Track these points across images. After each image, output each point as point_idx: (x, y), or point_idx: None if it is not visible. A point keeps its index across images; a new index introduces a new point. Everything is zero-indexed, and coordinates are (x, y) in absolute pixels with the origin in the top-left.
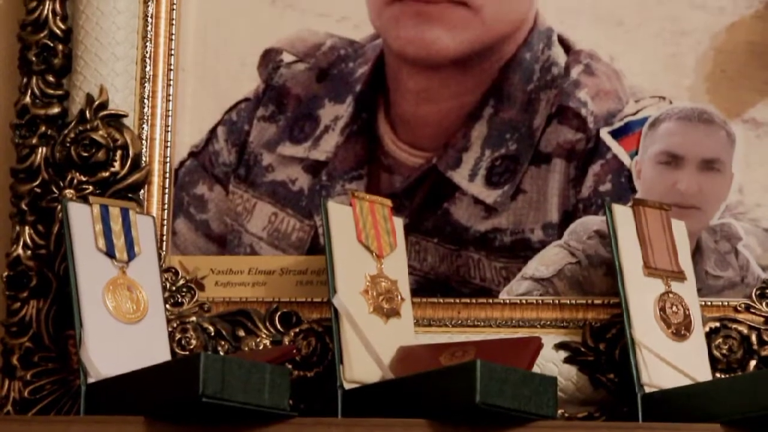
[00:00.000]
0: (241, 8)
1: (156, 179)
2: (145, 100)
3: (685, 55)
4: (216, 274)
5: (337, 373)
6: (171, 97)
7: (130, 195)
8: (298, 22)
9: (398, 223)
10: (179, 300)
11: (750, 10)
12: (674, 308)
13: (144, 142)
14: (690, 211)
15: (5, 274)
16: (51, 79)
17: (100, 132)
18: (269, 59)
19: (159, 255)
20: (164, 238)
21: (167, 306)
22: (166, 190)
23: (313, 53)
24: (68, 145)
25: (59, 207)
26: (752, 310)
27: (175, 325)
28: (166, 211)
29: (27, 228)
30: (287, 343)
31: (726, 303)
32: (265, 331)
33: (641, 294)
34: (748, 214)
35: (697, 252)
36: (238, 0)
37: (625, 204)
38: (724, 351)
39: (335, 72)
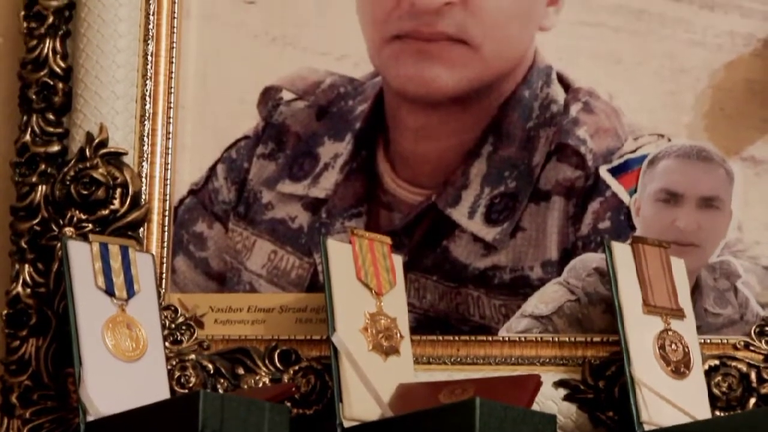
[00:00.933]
0: (240, 46)
1: (155, 217)
2: (145, 138)
3: (683, 92)
4: (215, 312)
5: (336, 410)
6: (171, 135)
7: (129, 233)
8: (298, 60)
9: (397, 260)
10: (178, 338)
11: (748, 48)
12: (674, 346)
13: (144, 180)
14: (689, 249)
15: (5, 312)
16: (51, 117)
17: (100, 170)
18: (269, 97)
19: (158, 293)
20: (164, 275)
21: (166, 344)
22: (166, 228)
23: (313, 91)
24: (68, 183)
25: (59, 245)
26: (751, 348)
27: (174, 362)
28: (165, 248)
29: (27, 266)
30: (286, 380)
31: (725, 341)
32: (265, 369)
33: (640, 332)
34: (747, 252)
35: (696, 290)
36: (238, 38)
37: (624, 242)
38: (724, 389)
39: (335, 110)
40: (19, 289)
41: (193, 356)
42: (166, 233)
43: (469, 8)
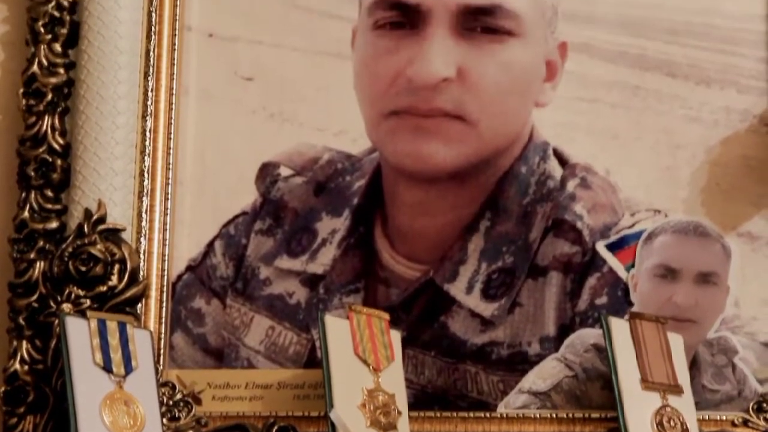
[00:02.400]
0: (238, 122)
1: (153, 293)
2: (143, 214)
3: (680, 168)
4: (213, 388)
5: None
6: (169, 211)
7: (127, 309)
8: (296, 135)
9: (395, 336)
10: (176, 414)
11: (744, 124)
12: (672, 422)
13: (142, 256)
14: (686, 325)
15: (2, 389)
16: (49, 193)
17: (98, 246)
18: (267, 173)
19: (156, 369)
20: (161, 352)
21: (164, 420)
22: (164, 304)
23: (311, 167)
24: (66, 259)
25: (57, 321)
26: (750, 424)
27: None
28: (163, 325)
29: (24, 342)
30: None
31: (723, 417)
32: None
33: (638, 408)
34: (744, 328)
35: (694, 365)
36: (236, 114)
37: (622, 317)
38: None
39: (333, 185)
40: (17, 365)
41: None
42: (164, 309)
43: (466, 84)
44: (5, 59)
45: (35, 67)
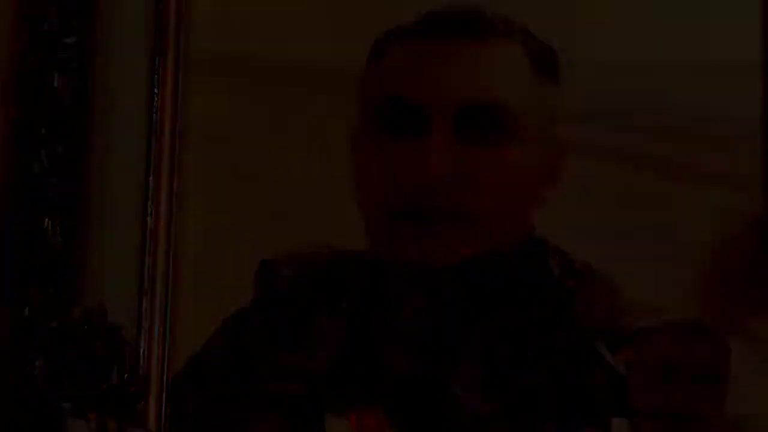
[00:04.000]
0: (238, 222)
1: (153, 392)
2: (144, 313)
3: (679, 268)
4: None
5: None
6: (168, 309)
7: (127, 408)
8: (296, 235)
9: None
10: None
11: (742, 223)
12: None
13: (142, 354)
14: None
15: None
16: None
17: (98, 345)
18: (266, 271)
19: None
20: None
21: None
22: (164, 403)
23: (310, 265)
24: (66, 358)
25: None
26: None
27: None
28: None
29: None
30: None
31: None
32: None
33: None
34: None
35: None
36: (236, 214)
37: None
38: None
39: (331, 284)
40: None
41: None
42: (163, 408)
43: (467, 185)
44: None
45: None
